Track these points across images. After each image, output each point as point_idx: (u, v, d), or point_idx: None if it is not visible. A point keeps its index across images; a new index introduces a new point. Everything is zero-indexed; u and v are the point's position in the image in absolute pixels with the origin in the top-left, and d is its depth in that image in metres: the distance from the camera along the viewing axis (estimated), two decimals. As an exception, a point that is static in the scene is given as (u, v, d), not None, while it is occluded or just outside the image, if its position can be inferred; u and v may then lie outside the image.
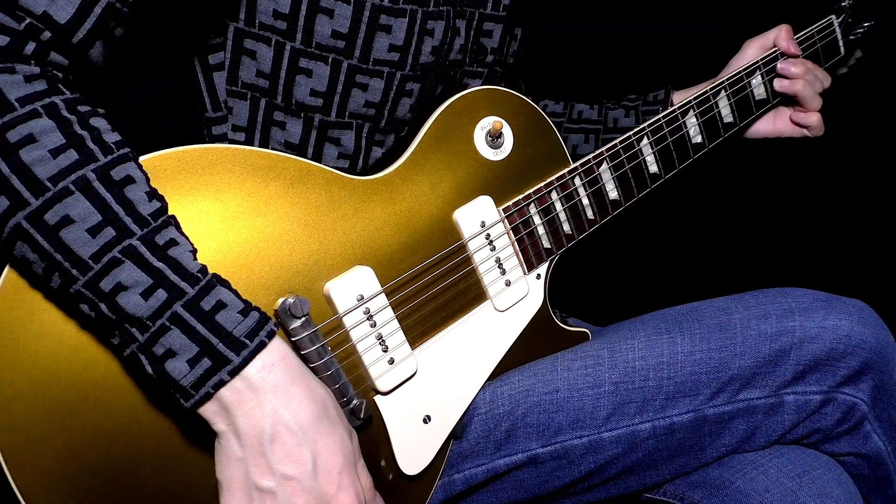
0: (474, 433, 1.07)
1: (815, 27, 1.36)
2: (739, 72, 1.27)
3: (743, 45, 1.33)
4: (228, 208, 0.89)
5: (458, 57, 1.08)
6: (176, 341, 0.75)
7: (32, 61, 0.75)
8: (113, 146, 0.77)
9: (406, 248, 1.00)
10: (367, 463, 0.97)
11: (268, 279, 0.90)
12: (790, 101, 1.33)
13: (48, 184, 0.72)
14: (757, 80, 1.30)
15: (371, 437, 0.98)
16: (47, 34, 0.75)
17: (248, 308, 0.79)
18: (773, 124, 1.36)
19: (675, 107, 1.22)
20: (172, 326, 0.75)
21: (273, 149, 1.03)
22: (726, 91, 1.27)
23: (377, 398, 0.98)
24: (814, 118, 1.31)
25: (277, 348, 0.79)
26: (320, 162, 1.03)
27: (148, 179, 0.79)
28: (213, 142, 1.03)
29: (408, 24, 0.99)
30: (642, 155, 1.19)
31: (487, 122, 1.07)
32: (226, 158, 0.89)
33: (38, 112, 0.73)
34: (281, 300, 0.89)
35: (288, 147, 1.02)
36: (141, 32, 0.86)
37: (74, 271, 0.73)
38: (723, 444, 1.10)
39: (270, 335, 0.79)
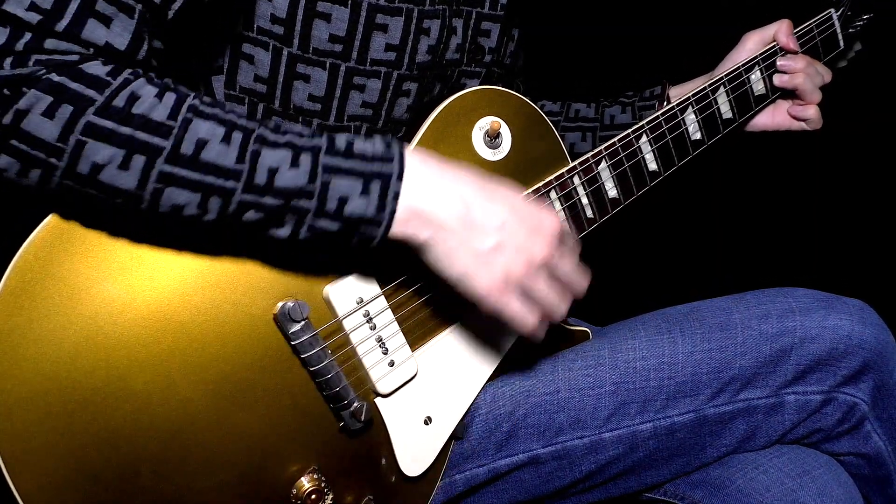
0: (476, 434, 1.07)
1: (814, 21, 1.35)
2: (738, 67, 1.27)
3: (742, 38, 1.33)
4: (227, 213, 0.89)
5: (455, 56, 1.08)
6: (342, 186, 0.81)
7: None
8: (187, 87, 0.81)
9: (406, 250, 1.00)
10: (369, 465, 0.97)
11: (267, 283, 0.90)
12: (789, 94, 1.33)
13: (170, 122, 0.76)
14: (756, 76, 1.29)
15: (372, 439, 0.98)
16: (113, 58, 0.78)
17: (366, 135, 0.88)
18: (771, 118, 1.35)
19: (674, 104, 1.21)
20: (331, 177, 0.81)
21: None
22: (725, 87, 1.26)
23: (378, 400, 0.98)
24: (812, 111, 1.30)
25: (414, 149, 0.88)
26: (319, 164, 1.03)
27: None
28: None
29: (404, 23, 0.98)
30: (641, 153, 1.19)
31: (485, 123, 1.06)
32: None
33: (129, 78, 0.77)
34: (280, 304, 0.89)
35: None
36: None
37: (229, 183, 0.78)
38: (723, 444, 1.10)
39: (400, 142, 0.86)
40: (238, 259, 0.89)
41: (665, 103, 1.32)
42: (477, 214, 0.86)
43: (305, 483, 0.93)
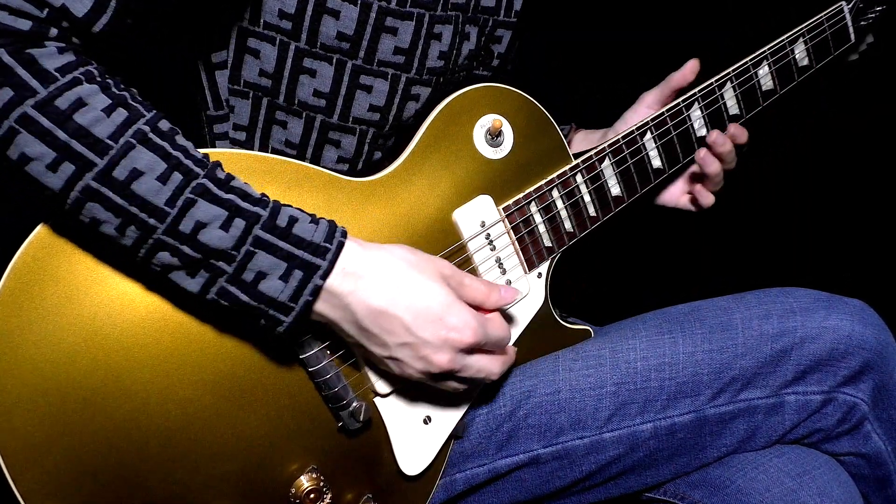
0: (476, 433, 1.07)
1: (825, 14, 1.31)
2: (746, 62, 1.25)
3: (640, 97, 1.26)
4: (226, 213, 0.88)
5: (465, 62, 1.07)
6: (264, 262, 0.79)
7: (56, 42, 0.75)
8: (148, 104, 0.79)
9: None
10: (368, 464, 0.97)
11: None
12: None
13: (109, 142, 0.74)
14: (764, 71, 1.27)
15: (371, 438, 0.98)
16: (66, 24, 0.75)
17: (314, 217, 0.84)
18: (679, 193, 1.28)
19: (680, 100, 1.20)
20: (257, 250, 0.79)
21: (273, 148, 1.02)
22: (732, 83, 1.24)
23: (377, 400, 0.98)
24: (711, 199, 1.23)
25: (350, 245, 0.84)
26: (319, 164, 1.02)
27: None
28: (214, 140, 1.02)
29: (414, 28, 0.97)
30: (645, 150, 1.18)
31: (487, 121, 1.06)
32: (222, 162, 0.88)
33: (79, 79, 0.74)
34: (280, 304, 0.89)
35: (288, 146, 1.01)
36: (147, 29, 0.85)
37: (152, 221, 0.75)
38: (723, 444, 1.10)
39: (344, 234, 0.84)
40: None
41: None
42: (381, 328, 0.84)
43: (304, 482, 0.93)
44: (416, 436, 1.00)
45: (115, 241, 0.78)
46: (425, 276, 0.86)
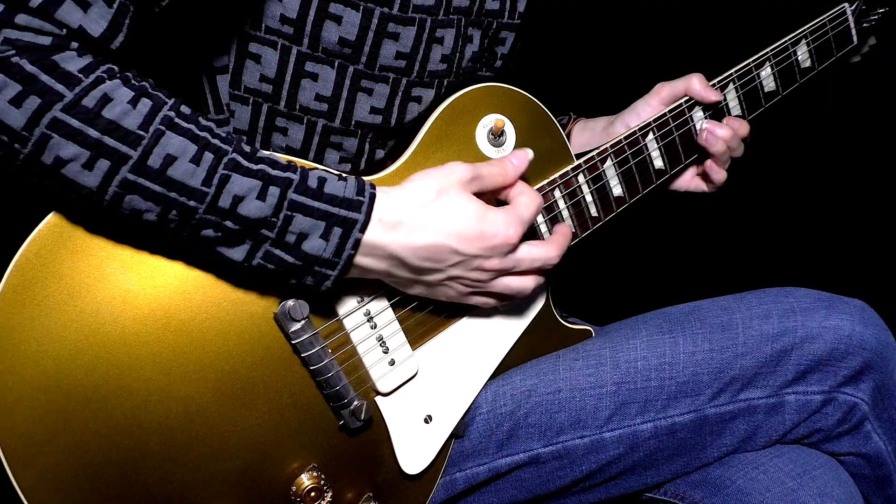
0: (476, 432, 1.07)
1: (827, 16, 1.32)
2: (748, 63, 1.25)
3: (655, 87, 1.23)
4: (228, 211, 0.88)
5: (469, 65, 1.07)
6: (303, 224, 0.82)
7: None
8: (166, 92, 0.80)
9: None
10: (369, 462, 0.98)
11: (268, 281, 0.90)
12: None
13: (140, 132, 0.75)
14: (766, 72, 1.27)
15: (372, 437, 0.98)
16: (84, 42, 0.76)
17: (341, 175, 0.87)
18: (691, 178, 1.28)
19: (682, 100, 1.20)
20: (294, 213, 0.82)
21: (273, 152, 1.02)
22: (734, 84, 1.25)
23: (378, 399, 0.98)
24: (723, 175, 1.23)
25: (382, 196, 0.87)
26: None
27: None
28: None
29: (416, 33, 0.98)
30: (647, 150, 1.18)
31: (489, 121, 1.06)
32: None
33: (102, 77, 0.75)
34: (281, 303, 0.89)
35: (289, 151, 1.01)
36: (149, 33, 0.86)
37: (192, 202, 0.77)
38: (724, 444, 1.11)
39: (373, 186, 0.87)
40: (239, 258, 0.88)
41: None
42: (431, 260, 0.89)
43: (305, 480, 0.93)
44: (417, 435, 1.00)
45: (157, 228, 0.79)
46: (451, 195, 0.89)
